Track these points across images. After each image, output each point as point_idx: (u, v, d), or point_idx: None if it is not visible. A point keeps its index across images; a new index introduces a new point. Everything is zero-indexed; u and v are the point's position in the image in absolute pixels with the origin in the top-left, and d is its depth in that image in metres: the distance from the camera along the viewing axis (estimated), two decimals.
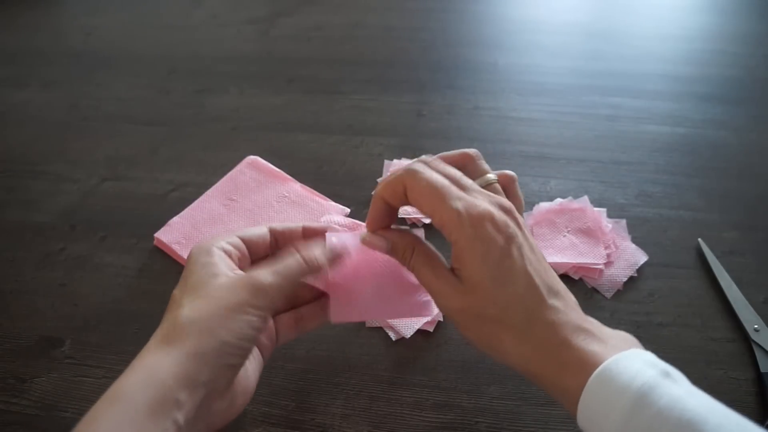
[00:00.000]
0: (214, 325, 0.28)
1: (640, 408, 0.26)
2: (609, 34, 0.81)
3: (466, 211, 0.29)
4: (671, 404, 0.26)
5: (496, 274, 0.29)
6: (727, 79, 0.72)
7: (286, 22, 0.87)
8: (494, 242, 0.30)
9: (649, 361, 0.28)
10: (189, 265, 0.31)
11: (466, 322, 0.31)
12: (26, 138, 0.67)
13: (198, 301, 0.29)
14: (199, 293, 0.30)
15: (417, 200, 0.31)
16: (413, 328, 0.45)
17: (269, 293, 0.30)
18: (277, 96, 0.71)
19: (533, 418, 0.41)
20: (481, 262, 0.29)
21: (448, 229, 0.30)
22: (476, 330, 0.31)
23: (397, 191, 0.31)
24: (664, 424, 0.25)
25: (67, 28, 0.88)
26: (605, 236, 0.51)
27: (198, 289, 0.30)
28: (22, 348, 0.46)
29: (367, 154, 0.62)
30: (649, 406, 0.26)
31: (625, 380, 0.27)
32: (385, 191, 0.32)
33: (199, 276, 0.30)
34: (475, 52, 0.78)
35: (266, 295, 0.29)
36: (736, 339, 0.45)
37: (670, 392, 0.26)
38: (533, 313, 0.30)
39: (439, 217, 0.30)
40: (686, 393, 0.27)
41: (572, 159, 0.61)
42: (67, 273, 0.51)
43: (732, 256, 0.50)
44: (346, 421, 0.41)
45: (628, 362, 0.28)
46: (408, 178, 0.31)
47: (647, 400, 0.26)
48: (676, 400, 0.26)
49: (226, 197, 0.56)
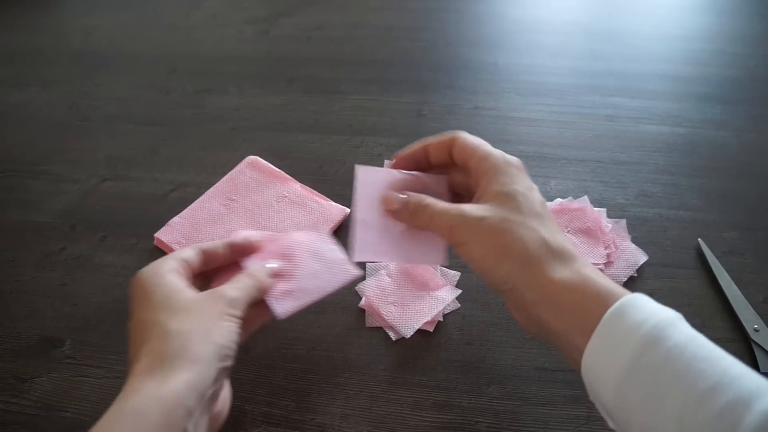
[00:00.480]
0: (207, 332, 0.30)
1: (658, 340, 0.26)
2: (609, 34, 0.81)
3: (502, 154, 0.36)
4: (689, 339, 0.27)
5: (530, 195, 0.34)
6: (727, 79, 0.72)
7: (286, 22, 0.87)
8: (529, 182, 0.35)
9: (663, 306, 0.29)
10: (144, 289, 0.32)
11: (485, 231, 0.32)
12: (26, 138, 0.67)
13: (179, 314, 0.30)
14: (174, 308, 0.31)
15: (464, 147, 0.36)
16: (413, 328, 0.45)
17: (238, 304, 0.33)
18: (277, 96, 0.71)
19: (533, 418, 0.41)
20: (512, 181, 0.34)
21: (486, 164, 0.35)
22: (495, 236, 0.32)
23: (443, 145, 0.37)
24: (680, 357, 0.26)
25: (67, 28, 0.88)
26: (605, 236, 0.51)
27: (170, 306, 0.31)
28: (22, 348, 0.46)
29: (367, 154, 0.62)
30: (666, 339, 0.26)
31: (643, 315, 0.27)
32: (432, 142, 0.38)
33: (162, 295, 0.32)
34: (475, 52, 0.78)
35: (237, 304, 0.33)
36: (736, 339, 0.45)
37: (686, 330, 0.27)
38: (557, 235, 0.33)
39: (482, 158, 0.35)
40: (699, 335, 0.28)
41: (572, 159, 0.61)
42: (67, 273, 0.51)
43: (732, 256, 0.50)
44: (346, 421, 0.41)
45: (646, 300, 0.29)
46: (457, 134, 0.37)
47: (665, 334, 0.27)
48: (693, 336, 0.27)
49: (226, 197, 0.56)
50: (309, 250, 0.41)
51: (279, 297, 0.38)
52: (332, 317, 0.47)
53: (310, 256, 0.41)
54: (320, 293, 0.39)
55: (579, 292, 0.30)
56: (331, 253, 0.42)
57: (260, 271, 0.37)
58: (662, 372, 0.26)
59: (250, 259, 0.39)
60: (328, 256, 0.42)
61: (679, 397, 0.25)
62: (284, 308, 0.37)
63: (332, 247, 0.42)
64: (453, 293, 0.48)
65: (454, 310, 0.47)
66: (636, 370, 0.26)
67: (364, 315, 0.47)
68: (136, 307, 0.32)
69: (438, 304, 0.47)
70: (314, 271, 0.40)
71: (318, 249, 0.42)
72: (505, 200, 0.33)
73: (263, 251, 0.40)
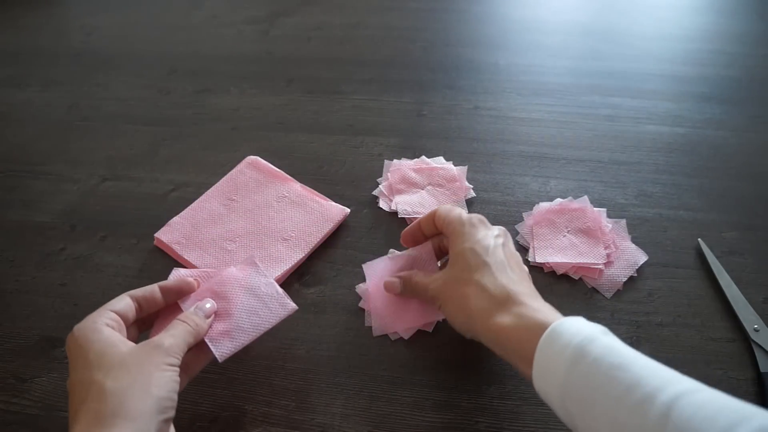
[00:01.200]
0: (145, 386, 0.30)
1: (581, 357, 0.30)
2: (609, 34, 0.81)
3: (461, 216, 0.42)
4: (606, 351, 0.30)
5: (476, 247, 0.39)
6: (726, 79, 0.72)
7: (286, 22, 0.87)
8: (481, 233, 0.40)
9: (588, 323, 0.33)
10: (79, 347, 0.32)
11: (447, 292, 0.39)
12: (26, 138, 0.67)
13: (116, 371, 0.31)
14: (110, 365, 0.31)
15: (440, 217, 0.43)
16: (413, 329, 0.45)
17: (175, 351, 0.34)
18: (277, 96, 0.71)
19: (533, 418, 0.41)
20: (464, 239, 0.40)
21: (449, 228, 0.42)
22: (453, 296, 0.39)
23: (429, 219, 0.44)
24: (599, 369, 0.30)
25: (67, 28, 0.88)
26: (605, 236, 0.51)
27: (106, 363, 0.31)
28: (22, 348, 0.46)
29: (367, 154, 0.62)
30: (587, 354, 0.30)
31: (568, 337, 0.32)
32: (422, 219, 0.45)
33: (98, 352, 0.32)
34: (475, 53, 0.78)
35: (173, 353, 0.34)
36: (736, 339, 0.45)
37: (604, 342, 0.31)
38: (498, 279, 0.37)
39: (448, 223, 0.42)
40: (620, 343, 0.31)
41: (572, 159, 0.61)
42: (67, 273, 0.51)
43: (732, 256, 0.50)
44: (346, 421, 0.41)
45: (572, 322, 0.33)
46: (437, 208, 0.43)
47: (586, 350, 0.31)
48: (610, 348, 0.31)
49: (226, 197, 0.56)
50: (244, 287, 0.41)
51: (217, 338, 0.38)
52: (332, 317, 0.47)
53: (246, 292, 0.41)
54: (258, 331, 0.39)
55: (518, 330, 0.34)
56: (267, 287, 0.42)
57: (195, 314, 0.38)
58: (588, 385, 0.30)
59: (187, 300, 0.39)
60: (264, 291, 0.41)
61: (604, 403, 0.29)
62: (223, 351, 0.38)
63: (268, 281, 0.42)
64: None
65: None
66: (568, 387, 0.31)
67: (364, 315, 0.47)
68: (72, 366, 0.32)
69: None
70: (251, 308, 0.40)
71: (253, 284, 0.41)
72: (457, 260, 0.40)
73: (199, 290, 0.40)
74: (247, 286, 0.41)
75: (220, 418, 0.41)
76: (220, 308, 0.40)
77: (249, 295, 0.41)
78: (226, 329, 0.39)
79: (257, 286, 0.41)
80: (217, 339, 0.38)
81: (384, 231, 0.54)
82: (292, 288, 0.50)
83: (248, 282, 0.41)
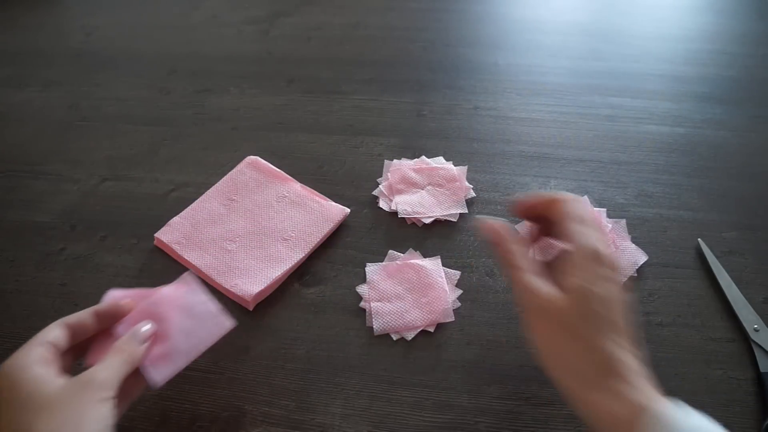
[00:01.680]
0: (78, 426, 0.30)
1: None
2: (609, 34, 0.81)
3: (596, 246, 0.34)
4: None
5: (605, 293, 0.33)
6: (727, 79, 0.72)
7: (286, 22, 0.87)
8: (610, 278, 0.34)
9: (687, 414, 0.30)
10: (8, 387, 0.31)
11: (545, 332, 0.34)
12: (26, 138, 0.67)
13: (46, 412, 0.30)
14: (40, 407, 0.30)
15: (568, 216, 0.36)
16: (414, 329, 0.45)
17: (109, 384, 0.33)
18: (277, 96, 0.71)
19: (533, 418, 0.41)
20: (595, 278, 0.33)
21: (582, 250, 0.34)
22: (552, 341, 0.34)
23: (549, 206, 0.37)
24: None
25: (67, 28, 0.88)
26: (605, 236, 0.51)
27: (36, 405, 0.30)
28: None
29: (367, 154, 0.62)
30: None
31: None
32: (543, 201, 0.38)
33: (27, 393, 0.31)
34: (475, 53, 0.78)
35: (107, 387, 0.32)
36: (736, 339, 0.45)
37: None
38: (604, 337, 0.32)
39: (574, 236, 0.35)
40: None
41: (572, 159, 0.61)
42: (67, 273, 0.51)
43: (731, 256, 0.50)
44: (346, 421, 0.41)
45: (671, 418, 0.29)
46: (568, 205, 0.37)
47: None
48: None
49: (226, 197, 0.56)
50: (179, 307, 0.40)
51: (154, 362, 0.37)
52: (332, 317, 0.47)
53: (181, 312, 0.40)
54: (196, 352, 0.39)
55: (614, 415, 0.30)
56: (202, 306, 0.40)
57: (130, 342, 0.36)
58: None
59: (121, 324, 0.38)
60: (200, 310, 0.40)
61: None
62: (160, 376, 0.37)
63: (203, 298, 0.41)
64: (453, 293, 0.48)
65: (455, 310, 0.47)
66: None
67: (364, 315, 0.47)
68: (2, 408, 0.31)
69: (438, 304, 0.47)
70: (187, 328, 0.39)
71: (188, 304, 0.40)
72: (581, 300, 0.33)
73: (135, 312, 0.39)
74: (182, 306, 0.40)
75: (220, 418, 0.41)
76: (156, 330, 0.38)
77: (184, 315, 0.40)
78: (164, 352, 0.37)
79: (192, 305, 0.40)
80: (154, 363, 0.37)
81: (384, 231, 0.54)
82: (292, 288, 0.50)
83: (183, 302, 0.40)
